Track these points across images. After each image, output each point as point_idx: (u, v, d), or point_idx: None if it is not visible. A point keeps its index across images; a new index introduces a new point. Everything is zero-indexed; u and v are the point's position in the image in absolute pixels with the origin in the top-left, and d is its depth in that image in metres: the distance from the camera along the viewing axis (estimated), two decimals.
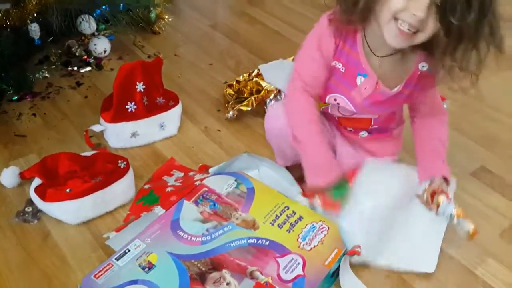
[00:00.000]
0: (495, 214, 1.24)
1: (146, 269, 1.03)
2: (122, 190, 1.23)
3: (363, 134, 1.23)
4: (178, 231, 1.11)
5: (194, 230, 1.11)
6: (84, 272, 1.07)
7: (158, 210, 1.19)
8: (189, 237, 1.10)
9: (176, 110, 1.47)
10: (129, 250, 1.07)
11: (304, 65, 1.11)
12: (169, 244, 1.08)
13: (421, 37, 0.94)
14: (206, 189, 1.21)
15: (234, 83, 1.60)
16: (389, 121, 1.23)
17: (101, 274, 1.02)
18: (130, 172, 1.26)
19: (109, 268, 1.03)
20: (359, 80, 1.07)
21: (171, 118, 1.46)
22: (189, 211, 1.16)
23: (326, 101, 1.15)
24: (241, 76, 1.62)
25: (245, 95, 1.55)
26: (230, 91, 1.57)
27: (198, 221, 1.14)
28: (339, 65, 1.06)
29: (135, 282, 1.00)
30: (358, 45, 1.04)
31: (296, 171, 1.23)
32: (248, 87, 1.56)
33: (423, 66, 1.06)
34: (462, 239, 1.07)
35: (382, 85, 1.06)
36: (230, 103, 1.53)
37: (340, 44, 1.04)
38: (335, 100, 1.13)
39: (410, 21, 0.91)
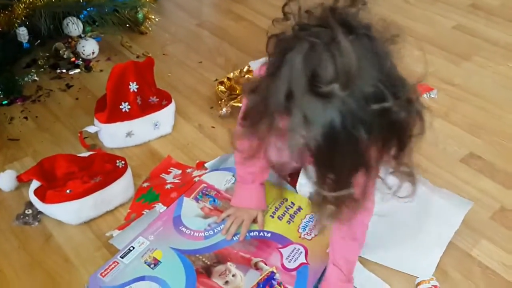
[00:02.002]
0: (486, 197, 1.28)
1: (152, 266, 1.04)
2: (121, 189, 1.24)
3: None
4: (180, 227, 1.12)
5: (196, 225, 1.13)
6: (89, 271, 1.08)
7: (159, 207, 1.20)
8: (192, 232, 1.12)
9: (170, 109, 1.49)
10: (133, 248, 1.08)
11: None
12: (173, 240, 1.09)
13: None
14: (205, 185, 1.23)
15: (225, 80, 1.62)
16: None
17: (107, 272, 1.03)
18: (129, 171, 1.27)
19: (115, 266, 1.04)
20: None
21: (165, 117, 1.47)
22: (189, 207, 1.17)
23: None
24: (232, 73, 1.64)
25: (237, 91, 1.57)
26: (221, 88, 1.59)
27: (200, 217, 1.15)
28: None
29: (142, 278, 1.02)
30: None
31: None
32: (240, 84, 1.58)
33: None
34: None
35: None
36: (223, 100, 1.54)
37: None
38: None
39: None
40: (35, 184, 1.22)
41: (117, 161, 1.27)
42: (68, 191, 1.17)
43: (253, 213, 1.13)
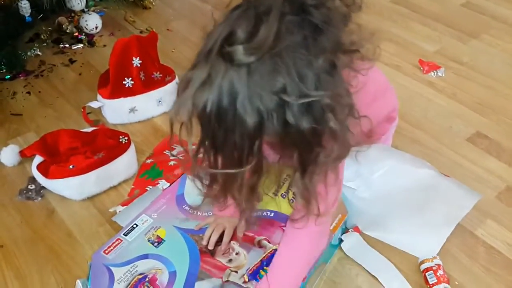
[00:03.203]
0: (492, 177, 1.27)
1: (156, 244, 1.03)
2: (124, 165, 1.23)
3: None
4: (183, 206, 1.12)
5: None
6: (92, 246, 1.08)
7: (163, 183, 1.19)
8: (195, 212, 1.11)
9: (173, 85, 1.46)
10: (136, 225, 1.07)
11: None
12: (176, 218, 1.09)
13: None
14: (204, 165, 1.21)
15: None
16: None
17: (111, 250, 1.02)
18: (132, 147, 1.26)
19: (118, 243, 1.03)
20: None
21: (168, 93, 1.45)
22: (192, 186, 1.16)
23: None
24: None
25: None
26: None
27: (201, 196, 1.14)
28: None
29: (145, 256, 1.01)
30: None
31: None
32: None
33: None
34: None
35: None
36: None
37: None
38: None
39: None
40: (38, 159, 1.22)
41: (120, 137, 1.26)
42: (71, 166, 1.17)
43: (235, 221, 1.06)
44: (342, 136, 0.68)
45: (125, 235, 1.05)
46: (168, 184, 1.19)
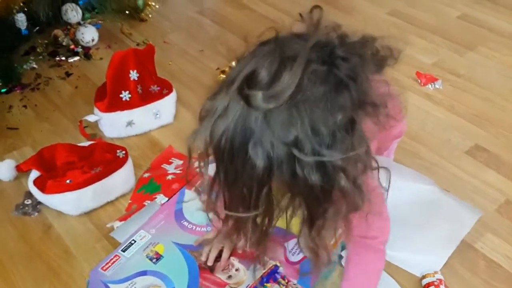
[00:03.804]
0: (491, 190, 1.27)
1: (154, 260, 1.03)
2: (122, 180, 1.22)
3: None
4: (182, 221, 1.11)
5: (199, 219, 1.11)
6: (90, 263, 1.07)
7: (161, 198, 1.18)
8: (194, 227, 1.10)
9: (171, 98, 1.46)
10: (134, 241, 1.06)
11: None
12: (175, 234, 1.08)
13: None
14: (206, 177, 1.20)
15: (227, 69, 1.59)
16: None
17: (109, 266, 1.01)
18: (129, 162, 1.25)
19: (116, 260, 1.03)
20: None
21: (166, 106, 1.45)
22: (191, 200, 1.15)
23: None
24: (233, 62, 1.60)
25: None
26: (223, 77, 1.57)
27: (202, 211, 1.13)
28: None
29: (144, 273, 1.00)
30: None
31: None
32: None
33: None
34: None
35: None
36: None
37: None
38: None
39: None
40: (34, 174, 1.21)
41: (118, 151, 1.25)
42: (68, 181, 1.16)
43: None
44: (353, 193, 0.66)
45: (123, 251, 1.04)
46: (166, 198, 1.18)
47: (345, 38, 0.69)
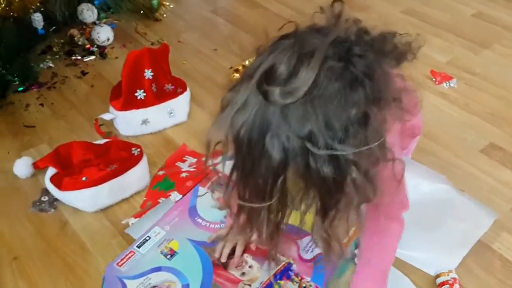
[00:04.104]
0: (507, 189, 1.26)
1: (169, 256, 1.03)
2: (137, 177, 1.23)
3: None
4: (196, 218, 1.11)
5: (213, 217, 1.12)
6: (106, 258, 1.08)
7: (175, 195, 1.19)
8: (208, 224, 1.10)
9: (185, 97, 1.47)
10: (149, 238, 1.07)
11: None
12: (189, 231, 1.09)
13: None
14: (221, 174, 1.21)
15: (241, 68, 1.60)
16: None
17: (124, 262, 1.02)
18: (144, 159, 1.26)
19: (132, 256, 1.03)
20: None
21: (180, 105, 1.46)
22: (205, 197, 1.16)
23: None
24: (247, 61, 1.61)
25: None
26: (237, 76, 1.57)
27: (216, 208, 1.14)
28: None
29: (159, 269, 1.01)
30: None
31: None
32: None
33: None
34: None
35: None
36: None
37: None
38: None
39: None
40: (51, 171, 1.22)
41: (133, 148, 1.26)
42: (84, 178, 1.17)
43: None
44: (364, 186, 0.67)
45: (138, 248, 1.05)
46: (180, 195, 1.19)
47: (364, 33, 0.70)
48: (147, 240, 1.06)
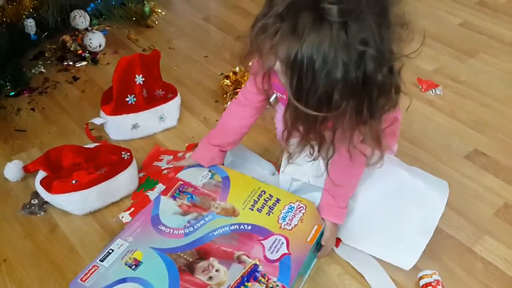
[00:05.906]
0: (490, 194, 1.29)
1: (133, 267, 1.02)
2: (126, 181, 1.25)
3: None
4: (159, 226, 1.10)
5: (175, 223, 1.10)
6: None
7: (160, 187, 1.22)
8: (171, 230, 1.09)
9: (175, 102, 1.49)
10: (112, 250, 1.04)
11: None
12: (152, 239, 1.07)
13: None
14: (181, 182, 1.20)
15: (231, 74, 1.62)
16: None
17: (88, 277, 0.99)
18: (134, 163, 1.27)
19: (95, 270, 1.01)
20: None
21: (170, 110, 1.48)
22: (167, 206, 1.14)
23: None
24: (237, 68, 1.64)
25: (243, 85, 1.57)
26: (227, 82, 1.59)
27: (178, 214, 1.13)
28: None
29: (124, 280, 0.99)
30: None
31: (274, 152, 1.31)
32: (245, 78, 1.58)
33: None
34: None
35: None
36: (228, 93, 1.55)
37: None
38: None
39: None
40: (41, 174, 1.23)
41: (123, 152, 1.27)
42: (73, 181, 1.18)
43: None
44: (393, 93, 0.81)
45: (101, 261, 1.02)
46: (164, 186, 1.22)
47: None
48: (110, 253, 1.05)
